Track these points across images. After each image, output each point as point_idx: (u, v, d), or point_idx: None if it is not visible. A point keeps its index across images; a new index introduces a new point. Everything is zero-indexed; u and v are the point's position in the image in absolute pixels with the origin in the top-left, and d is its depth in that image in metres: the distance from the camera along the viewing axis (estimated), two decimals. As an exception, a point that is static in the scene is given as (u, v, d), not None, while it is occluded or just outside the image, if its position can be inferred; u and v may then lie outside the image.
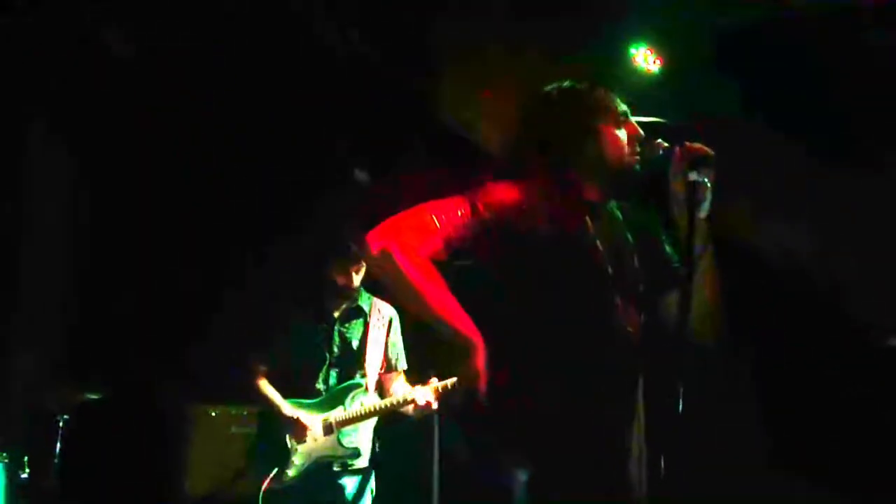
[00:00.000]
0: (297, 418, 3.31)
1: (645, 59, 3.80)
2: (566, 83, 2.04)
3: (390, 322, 3.54)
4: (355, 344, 3.45)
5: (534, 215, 1.87)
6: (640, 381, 1.94)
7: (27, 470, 3.60)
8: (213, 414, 4.09)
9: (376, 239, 1.83)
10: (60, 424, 3.78)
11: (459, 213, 1.85)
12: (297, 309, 3.48)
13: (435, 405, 3.29)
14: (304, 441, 3.31)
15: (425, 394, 3.28)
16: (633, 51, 3.80)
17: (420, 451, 4.13)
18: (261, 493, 3.21)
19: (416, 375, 3.50)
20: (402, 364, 3.57)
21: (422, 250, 1.82)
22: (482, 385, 1.74)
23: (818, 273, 3.72)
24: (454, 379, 3.33)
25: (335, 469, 3.36)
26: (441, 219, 1.84)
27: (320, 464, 3.33)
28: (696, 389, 1.69)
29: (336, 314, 3.47)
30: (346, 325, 3.47)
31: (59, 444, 3.75)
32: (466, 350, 1.77)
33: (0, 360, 4.60)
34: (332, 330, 3.44)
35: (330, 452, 3.34)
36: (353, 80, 4.33)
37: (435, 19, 3.97)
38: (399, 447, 3.92)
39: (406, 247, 1.80)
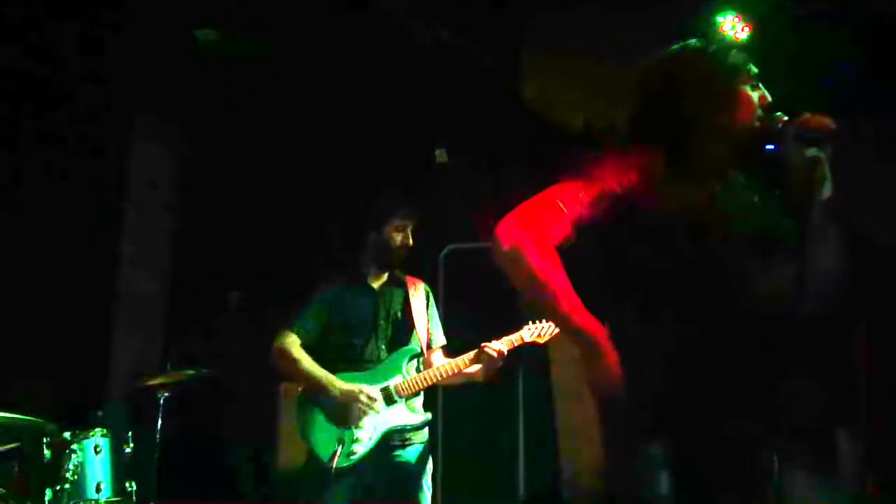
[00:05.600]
0: (359, 390, 3.15)
1: (733, 26, 3.67)
2: (699, 43, 1.96)
3: (427, 295, 3.45)
4: (400, 315, 3.35)
5: (657, 184, 1.81)
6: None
7: (131, 445, 3.73)
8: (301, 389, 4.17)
9: (506, 233, 1.77)
10: (162, 402, 3.89)
11: (581, 195, 1.81)
12: (339, 281, 3.38)
13: (504, 354, 3.20)
14: (367, 414, 3.16)
15: (496, 346, 3.20)
16: (720, 19, 3.67)
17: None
18: (332, 471, 3.06)
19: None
20: (441, 339, 3.45)
21: (552, 240, 1.78)
22: (616, 382, 1.70)
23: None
24: (521, 332, 3.29)
25: (396, 443, 3.21)
26: (567, 203, 1.80)
27: (388, 436, 3.18)
28: (813, 362, 1.65)
29: (376, 286, 3.38)
30: (388, 296, 3.37)
31: (160, 421, 3.88)
32: (592, 350, 1.72)
33: (105, 340, 4.85)
34: (376, 302, 3.34)
35: (400, 424, 3.19)
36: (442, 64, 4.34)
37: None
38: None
39: (538, 243, 1.76)
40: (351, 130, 4.70)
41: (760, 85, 1.91)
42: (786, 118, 1.84)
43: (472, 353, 3.26)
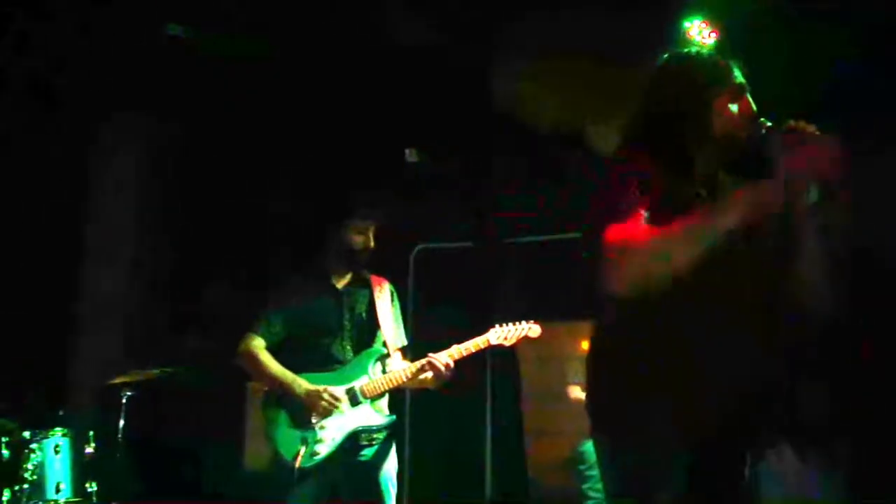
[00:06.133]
0: (323, 389, 3.12)
1: (700, 31, 3.70)
2: (685, 50, 1.98)
3: (392, 295, 3.42)
4: (365, 315, 3.31)
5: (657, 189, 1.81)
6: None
7: (93, 444, 3.70)
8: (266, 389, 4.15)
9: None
10: (124, 400, 3.85)
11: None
12: (303, 282, 3.34)
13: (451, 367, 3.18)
14: (331, 414, 3.13)
15: (442, 359, 3.18)
16: (687, 24, 3.70)
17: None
18: (296, 471, 3.02)
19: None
20: (402, 340, 3.40)
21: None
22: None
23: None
24: (487, 335, 3.29)
25: (361, 443, 3.16)
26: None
27: (353, 437, 3.14)
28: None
29: (339, 286, 3.34)
30: (353, 296, 3.33)
31: (122, 420, 3.83)
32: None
33: (67, 338, 4.78)
34: (340, 302, 3.30)
35: (365, 424, 3.16)
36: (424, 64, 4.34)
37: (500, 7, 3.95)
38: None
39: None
40: (324, 130, 4.67)
41: (747, 93, 1.93)
42: (769, 124, 1.86)
43: (417, 364, 3.24)
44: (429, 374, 3.24)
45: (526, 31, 4.01)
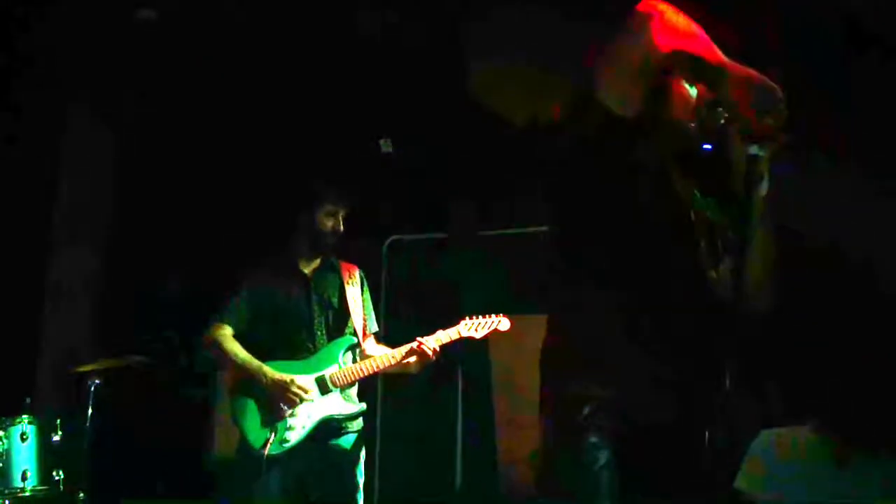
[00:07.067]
0: (290, 380, 3.13)
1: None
2: None
3: (362, 281, 3.42)
4: (335, 301, 3.32)
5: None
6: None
7: (59, 432, 3.66)
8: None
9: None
10: (92, 389, 3.81)
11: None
12: (270, 267, 3.35)
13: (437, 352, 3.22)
14: (300, 403, 3.13)
15: (431, 344, 3.21)
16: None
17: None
18: (264, 458, 3.02)
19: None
20: (374, 326, 3.43)
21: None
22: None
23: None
24: (458, 327, 3.31)
25: (331, 431, 3.17)
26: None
27: (323, 425, 3.15)
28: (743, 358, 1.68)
29: (307, 271, 3.35)
30: (322, 282, 3.33)
31: (90, 408, 3.79)
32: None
33: (34, 325, 4.72)
34: (308, 288, 3.30)
35: (335, 413, 3.17)
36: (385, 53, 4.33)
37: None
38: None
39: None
40: (295, 119, 4.64)
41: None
42: (727, 115, 1.87)
43: (406, 347, 3.25)
44: (412, 358, 3.25)
45: (497, 20, 4.01)
